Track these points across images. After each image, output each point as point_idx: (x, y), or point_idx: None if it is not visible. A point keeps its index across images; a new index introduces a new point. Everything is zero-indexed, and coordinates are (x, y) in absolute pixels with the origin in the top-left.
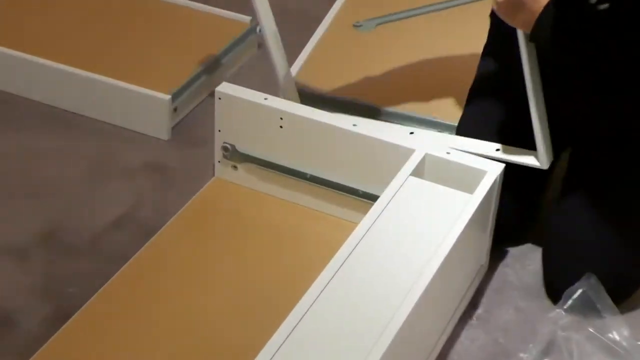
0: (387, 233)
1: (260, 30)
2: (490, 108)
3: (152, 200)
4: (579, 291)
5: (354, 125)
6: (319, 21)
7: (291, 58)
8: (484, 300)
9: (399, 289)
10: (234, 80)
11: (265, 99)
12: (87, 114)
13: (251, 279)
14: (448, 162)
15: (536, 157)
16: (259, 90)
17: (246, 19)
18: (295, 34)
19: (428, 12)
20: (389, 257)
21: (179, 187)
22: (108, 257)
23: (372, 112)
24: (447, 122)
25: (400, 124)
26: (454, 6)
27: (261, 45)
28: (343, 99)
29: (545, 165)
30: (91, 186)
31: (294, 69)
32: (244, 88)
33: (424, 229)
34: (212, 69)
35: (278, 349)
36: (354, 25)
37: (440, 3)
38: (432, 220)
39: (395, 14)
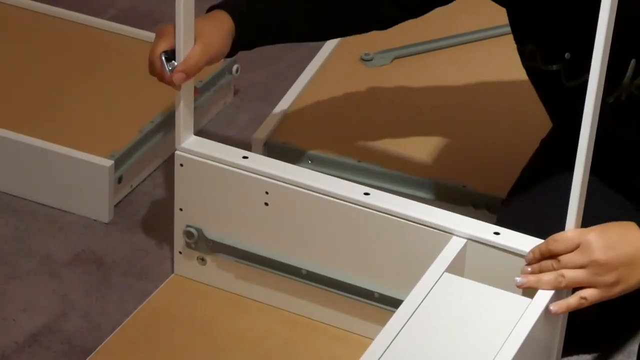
0: (414, 353)
1: (237, 71)
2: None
3: (83, 307)
4: None
5: (366, 194)
6: (313, 53)
7: (273, 102)
8: None
9: None
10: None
11: (245, 163)
12: None
13: None
14: (498, 252)
15: None
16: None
17: None
18: (279, 70)
19: (464, 42)
20: None
21: (122, 290)
22: None
23: (384, 178)
24: (485, 193)
25: (424, 195)
26: (500, 35)
27: (239, 91)
28: (343, 160)
29: None
30: None
31: (275, 118)
32: (215, 150)
33: (465, 350)
34: (170, 124)
35: None
36: (362, 59)
37: (483, 31)
38: (475, 337)
39: (418, 44)
